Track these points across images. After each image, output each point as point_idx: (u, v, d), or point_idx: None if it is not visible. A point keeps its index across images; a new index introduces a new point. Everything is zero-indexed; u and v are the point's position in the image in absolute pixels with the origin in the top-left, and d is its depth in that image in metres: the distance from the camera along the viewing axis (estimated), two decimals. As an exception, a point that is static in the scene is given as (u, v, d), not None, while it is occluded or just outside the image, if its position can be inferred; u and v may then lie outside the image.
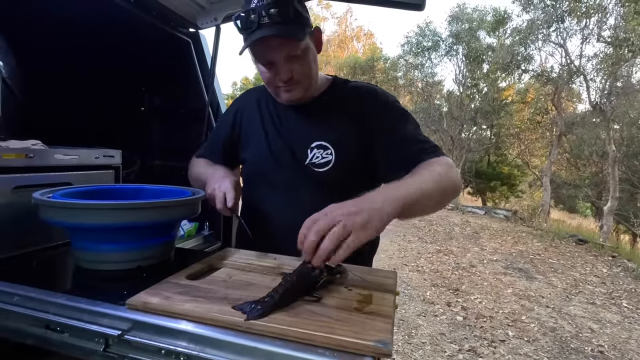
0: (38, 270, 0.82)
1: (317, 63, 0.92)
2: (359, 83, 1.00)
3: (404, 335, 2.89)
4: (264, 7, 0.77)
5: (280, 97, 0.92)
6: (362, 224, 0.59)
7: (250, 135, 1.01)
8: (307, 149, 0.92)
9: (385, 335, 0.51)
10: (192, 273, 0.73)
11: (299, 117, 0.95)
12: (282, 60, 0.84)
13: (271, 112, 0.99)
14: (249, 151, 1.01)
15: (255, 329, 0.53)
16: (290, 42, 0.81)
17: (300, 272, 0.65)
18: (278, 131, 0.96)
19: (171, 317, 0.56)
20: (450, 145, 13.55)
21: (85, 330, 0.58)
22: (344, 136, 0.91)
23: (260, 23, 0.78)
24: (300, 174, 0.92)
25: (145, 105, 1.91)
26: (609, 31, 9.17)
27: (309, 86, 0.91)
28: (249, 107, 1.04)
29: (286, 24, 0.79)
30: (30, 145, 1.00)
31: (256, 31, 0.79)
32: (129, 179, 1.66)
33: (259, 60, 0.86)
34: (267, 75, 0.88)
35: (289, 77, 0.86)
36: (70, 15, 1.36)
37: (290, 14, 0.79)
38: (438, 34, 13.80)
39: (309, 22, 0.87)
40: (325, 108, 0.95)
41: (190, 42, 1.74)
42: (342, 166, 0.90)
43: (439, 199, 0.76)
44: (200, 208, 0.90)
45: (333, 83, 0.99)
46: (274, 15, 0.77)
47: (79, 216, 0.73)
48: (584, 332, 3.15)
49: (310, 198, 0.91)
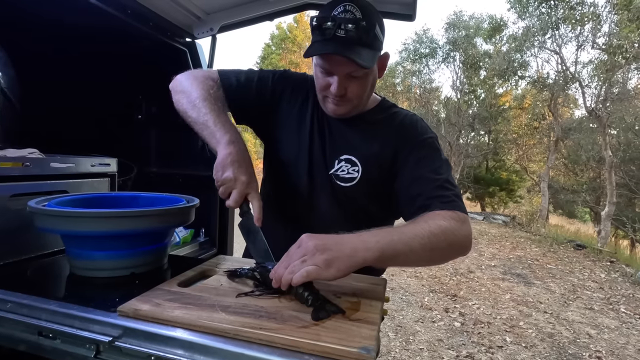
0: (32, 277, 0.83)
1: (374, 86, 0.91)
2: (403, 111, 0.98)
3: (401, 342, 2.89)
4: (345, 20, 0.76)
5: (326, 107, 0.90)
6: (325, 264, 0.60)
7: (293, 123, 0.96)
8: (335, 158, 0.92)
9: (369, 342, 0.52)
10: (184, 280, 0.74)
11: (339, 125, 0.94)
12: (342, 77, 0.82)
13: (319, 111, 0.96)
14: (288, 139, 0.96)
15: (243, 335, 0.54)
16: (358, 65, 0.78)
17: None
18: (320, 132, 0.95)
19: (161, 324, 0.57)
20: (448, 151, 13.59)
21: (76, 337, 0.59)
22: (374, 157, 0.90)
23: (335, 35, 0.76)
24: (322, 181, 0.93)
25: (143, 113, 1.93)
26: (603, 38, 9.28)
27: (357, 106, 0.90)
28: (300, 92, 0.98)
29: (360, 46, 0.77)
30: (27, 153, 1.01)
31: (329, 42, 0.77)
32: (126, 186, 1.67)
33: (319, 65, 0.84)
34: (322, 82, 0.86)
35: (343, 93, 0.84)
36: (68, 26, 1.39)
37: (368, 38, 0.78)
38: (435, 41, 13.95)
39: (382, 47, 0.85)
40: (366, 125, 0.93)
41: (186, 51, 1.76)
42: (365, 186, 0.90)
43: (430, 256, 0.71)
44: (193, 216, 0.92)
45: (380, 104, 0.98)
46: (352, 32, 0.75)
47: (72, 224, 0.74)
48: (582, 338, 3.14)
49: (328, 207, 0.92)
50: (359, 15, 0.76)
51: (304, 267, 0.61)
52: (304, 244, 0.64)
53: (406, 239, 0.67)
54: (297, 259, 0.62)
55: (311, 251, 0.62)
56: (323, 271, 0.60)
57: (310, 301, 0.62)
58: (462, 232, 0.74)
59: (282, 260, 0.65)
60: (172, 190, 1.04)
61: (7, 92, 1.10)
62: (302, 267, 0.61)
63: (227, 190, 0.77)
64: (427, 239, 0.68)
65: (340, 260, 0.61)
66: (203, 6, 1.62)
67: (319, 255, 0.61)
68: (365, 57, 0.78)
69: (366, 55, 0.78)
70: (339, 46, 0.76)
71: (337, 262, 0.61)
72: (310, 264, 0.61)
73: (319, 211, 0.93)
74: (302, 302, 0.64)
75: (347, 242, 0.64)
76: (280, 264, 0.65)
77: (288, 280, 0.61)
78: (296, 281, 0.60)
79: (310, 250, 0.62)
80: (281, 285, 0.63)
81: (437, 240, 0.69)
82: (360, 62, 0.76)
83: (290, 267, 0.62)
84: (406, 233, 0.69)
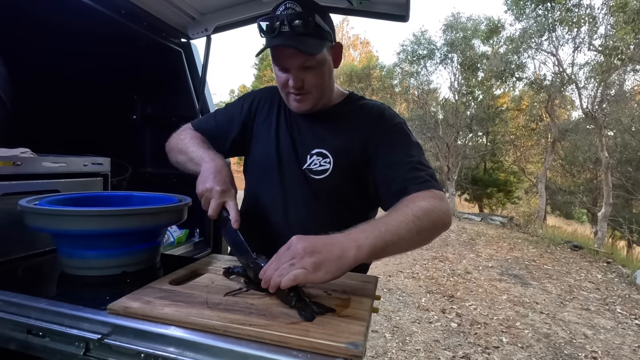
0: (24, 276, 0.83)
1: (332, 77, 0.94)
2: (371, 101, 1.01)
3: (398, 342, 2.88)
4: (286, 17, 0.82)
5: (290, 105, 0.95)
6: (313, 267, 0.60)
7: (264, 130, 1.01)
8: (307, 154, 0.94)
9: (357, 337, 0.52)
10: (175, 278, 0.74)
11: (307, 122, 0.98)
12: (296, 69, 0.87)
13: (286, 112, 1.01)
14: (259, 146, 1.02)
15: (232, 332, 0.54)
16: (305, 53, 0.84)
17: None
18: (289, 131, 0.98)
19: (151, 321, 0.57)
20: (446, 152, 13.63)
21: (65, 335, 0.58)
22: (344, 147, 0.93)
23: (280, 30, 0.82)
24: (297, 177, 0.94)
25: (137, 113, 1.92)
26: (600, 40, 9.33)
27: (319, 98, 0.93)
28: (266, 102, 1.05)
29: (304, 36, 0.82)
30: (19, 153, 1.01)
31: (275, 38, 0.83)
32: (121, 186, 1.66)
33: (275, 64, 0.90)
34: (281, 80, 0.91)
35: (300, 85, 0.89)
36: (62, 26, 1.38)
37: (310, 27, 0.82)
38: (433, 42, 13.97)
39: (330, 36, 0.89)
40: (333, 119, 0.97)
41: (181, 52, 1.77)
42: (339, 176, 0.92)
43: (418, 239, 0.73)
44: (186, 214, 0.92)
45: (347, 97, 1.02)
46: (295, 26, 0.81)
47: (63, 223, 0.74)
48: (578, 338, 3.15)
49: (305, 202, 0.94)
50: (299, 9, 0.83)
51: (292, 271, 0.60)
52: (293, 246, 0.64)
53: (393, 228, 0.68)
54: (286, 262, 0.62)
55: (300, 254, 0.62)
56: (311, 274, 0.60)
57: (293, 302, 0.62)
58: (442, 209, 0.77)
59: (272, 261, 0.65)
60: (166, 191, 1.03)
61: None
62: (290, 270, 0.61)
63: (206, 201, 0.81)
64: (412, 224, 0.70)
65: (329, 263, 0.61)
66: (198, 7, 1.62)
67: (307, 258, 0.61)
68: (310, 45, 0.83)
69: (311, 43, 0.83)
70: (284, 39, 0.82)
71: (325, 265, 0.61)
72: (299, 267, 0.61)
73: (296, 208, 0.94)
74: (285, 303, 0.64)
75: (337, 243, 0.64)
76: (269, 265, 0.65)
77: (277, 283, 0.61)
78: (284, 285, 0.60)
79: (299, 252, 0.62)
80: (269, 287, 0.63)
81: (421, 222, 0.71)
82: (304, 49, 0.82)
83: (279, 270, 0.62)
84: (391, 222, 0.70)
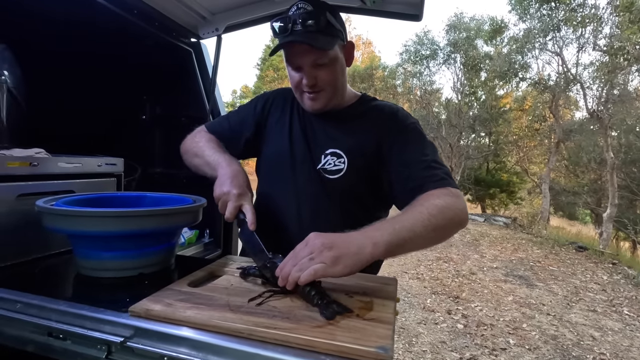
0: (41, 277, 0.82)
1: (344, 75, 0.95)
2: (384, 102, 1.02)
3: (404, 344, 2.87)
4: (298, 16, 0.84)
5: (304, 104, 0.95)
6: (332, 261, 0.61)
7: (277, 130, 1.02)
8: (321, 154, 0.94)
9: (385, 341, 0.51)
10: (194, 280, 0.73)
11: (321, 123, 0.98)
12: (309, 67, 0.88)
13: (300, 113, 1.01)
14: (272, 146, 1.02)
15: (257, 335, 0.53)
16: (318, 50, 0.85)
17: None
18: (303, 132, 0.99)
19: (173, 324, 0.57)
20: (449, 153, 13.59)
21: (87, 337, 0.58)
22: (358, 147, 0.93)
23: (293, 30, 0.84)
24: (311, 177, 0.94)
25: (147, 113, 1.92)
26: (605, 40, 9.28)
27: (332, 96, 0.94)
28: (280, 102, 1.05)
29: (316, 33, 0.84)
30: (34, 153, 1.01)
31: (287, 36, 0.85)
32: (130, 187, 1.66)
33: (288, 63, 0.91)
34: (294, 79, 0.92)
35: (313, 83, 0.89)
36: (74, 25, 1.38)
37: (321, 25, 0.84)
38: (436, 42, 13.95)
39: (342, 35, 0.90)
40: (347, 119, 0.97)
41: (191, 52, 1.76)
42: (353, 176, 0.92)
43: (434, 236, 0.73)
44: (201, 215, 0.91)
45: (360, 98, 1.02)
46: (307, 24, 0.83)
47: (81, 224, 0.74)
48: (586, 340, 3.13)
49: (318, 201, 0.94)
50: (310, 8, 0.85)
51: (311, 265, 0.61)
52: (311, 241, 0.64)
53: (409, 225, 0.69)
54: (305, 257, 0.62)
55: (318, 248, 0.62)
56: (330, 268, 0.61)
57: (316, 299, 0.62)
58: (458, 206, 0.76)
59: (289, 257, 0.65)
60: (176, 191, 1.03)
61: (13, 92, 1.10)
62: (309, 265, 0.61)
63: (223, 204, 0.82)
64: (427, 221, 0.70)
65: (348, 257, 0.62)
66: (209, 6, 1.61)
67: (327, 252, 0.62)
68: (322, 41, 0.84)
69: (322, 40, 0.85)
70: (296, 36, 0.84)
71: (343, 259, 0.62)
72: (318, 262, 0.61)
73: (309, 207, 0.94)
74: (307, 301, 0.63)
75: (353, 240, 0.65)
76: (286, 261, 0.65)
77: (295, 278, 0.61)
78: (304, 279, 0.60)
79: (317, 247, 0.63)
80: (288, 283, 0.62)
81: (437, 220, 0.71)
82: (316, 45, 0.83)
83: (298, 265, 0.62)
84: (407, 219, 0.70)
